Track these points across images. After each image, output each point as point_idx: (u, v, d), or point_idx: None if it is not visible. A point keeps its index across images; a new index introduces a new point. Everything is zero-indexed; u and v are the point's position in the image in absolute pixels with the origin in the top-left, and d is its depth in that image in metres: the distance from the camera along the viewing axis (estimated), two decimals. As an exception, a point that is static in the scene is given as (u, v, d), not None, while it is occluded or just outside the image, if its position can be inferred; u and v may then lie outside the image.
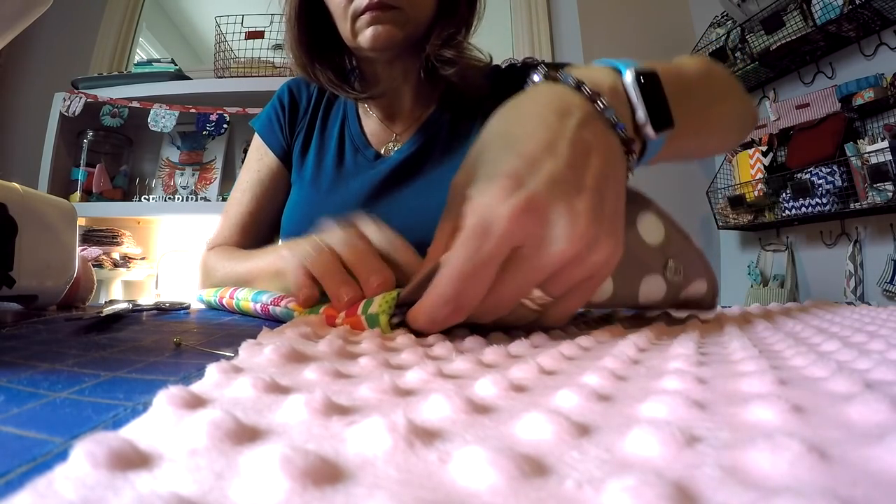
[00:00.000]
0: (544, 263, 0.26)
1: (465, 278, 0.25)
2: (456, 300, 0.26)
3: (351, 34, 0.56)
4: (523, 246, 0.26)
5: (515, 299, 0.28)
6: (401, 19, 0.54)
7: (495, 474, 0.09)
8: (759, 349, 0.25)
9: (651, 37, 1.93)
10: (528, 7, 2.02)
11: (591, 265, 0.27)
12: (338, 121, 0.65)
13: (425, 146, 0.61)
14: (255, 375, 0.15)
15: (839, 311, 0.48)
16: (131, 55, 2.02)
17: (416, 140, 0.61)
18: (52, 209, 0.41)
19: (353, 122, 0.64)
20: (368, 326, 0.31)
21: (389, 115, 0.64)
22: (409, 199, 0.58)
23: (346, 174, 0.61)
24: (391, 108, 0.64)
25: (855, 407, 0.13)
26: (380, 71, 0.61)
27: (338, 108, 0.66)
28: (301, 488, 0.08)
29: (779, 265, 1.65)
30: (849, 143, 1.37)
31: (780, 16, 1.48)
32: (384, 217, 0.42)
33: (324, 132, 0.65)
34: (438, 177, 0.59)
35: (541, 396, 0.16)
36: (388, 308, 0.30)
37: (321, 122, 0.65)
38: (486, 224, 0.25)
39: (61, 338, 0.27)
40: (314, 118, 0.66)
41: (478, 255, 0.25)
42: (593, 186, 0.27)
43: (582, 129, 0.28)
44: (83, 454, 0.09)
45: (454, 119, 0.62)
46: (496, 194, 0.25)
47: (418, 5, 0.55)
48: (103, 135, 1.80)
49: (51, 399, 0.15)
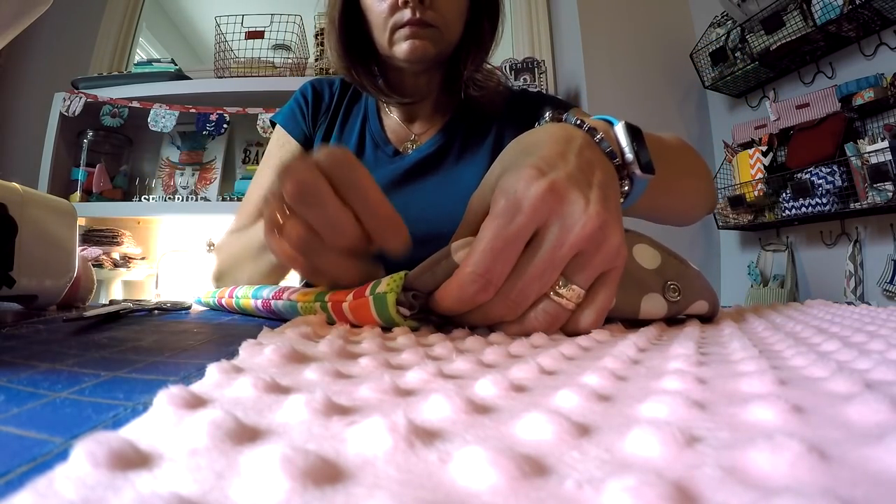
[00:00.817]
0: (566, 240, 0.28)
1: (496, 253, 0.27)
2: (485, 275, 0.27)
3: (388, 44, 0.60)
4: (545, 227, 0.28)
5: (540, 287, 0.29)
6: (436, 37, 0.59)
7: (495, 474, 0.09)
8: (759, 349, 0.25)
9: (651, 37, 1.93)
10: (528, 7, 2.02)
11: (608, 250, 0.29)
12: (359, 118, 0.68)
13: (443, 148, 0.65)
14: (256, 375, 0.15)
15: (839, 311, 0.48)
16: (131, 55, 2.02)
17: (435, 141, 0.65)
18: (52, 209, 0.41)
19: (373, 121, 0.67)
20: (375, 308, 0.30)
21: (409, 117, 0.68)
22: (426, 194, 0.62)
23: (366, 167, 0.63)
24: (412, 112, 0.68)
25: (855, 407, 0.13)
26: (406, 80, 0.65)
27: (359, 106, 0.69)
28: (301, 488, 0.08)
29: (779, 265, 1.65)
30: (849, 143, 1.37)
31: (780, 16, 1.48)
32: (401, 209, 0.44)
33: (344, 128, 0.68)
34: (453, 177, 0.63)
35: (541, 396, 0.16)
36: (396, 287, 0.30)
37: (342, 118, 0.68)
38: (515, 203, 0.28)
39: (61, 338, 0.27)
40: (336, 114, 0.69)
41: (507, 231, 0.27)
42: (600, 185, 0.30)
43: (584, 150, 0.32)
44: (83, 454, 0.09)
45: (470, 127, 0.67)
46: (523, 179, 0.29)
47: (452, 28, 0.61)
48: (103, 135, 1.80)
49: (51, 399, 0.15)
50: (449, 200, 0.58)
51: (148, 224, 1.86)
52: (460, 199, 0.48)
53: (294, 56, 1.82)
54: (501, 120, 0.67)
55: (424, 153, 0.64)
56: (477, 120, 0.67)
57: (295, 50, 1.82)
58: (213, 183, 1.84)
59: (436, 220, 0.51)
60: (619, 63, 1.84)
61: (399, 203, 0.55)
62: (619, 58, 1.84)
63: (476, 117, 0.67)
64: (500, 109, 0.67)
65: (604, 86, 1.78)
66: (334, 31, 0.63)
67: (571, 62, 1.87)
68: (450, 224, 0.50)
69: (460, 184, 0.61)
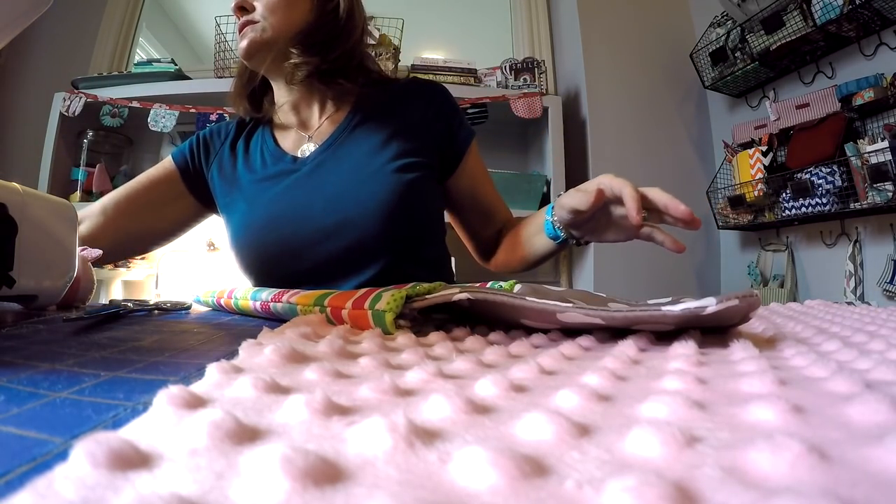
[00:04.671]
0: None
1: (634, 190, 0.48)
2: None
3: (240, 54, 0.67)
4: None
5: None
6: (259, 28, 0.65)
7: (495, 474, 0.09)
8: (759, 349, 0.25)
9: (651, 37, 1.93)
10: (528, 7, 2.02)
11: None
12: (258, 145, 0.74)
13: (339, 143, 0.69)
14: (256, 375, 0.15)
15: (839, 311, 0.48)
16: (131, 55, 2.01)
17: (331, 139, 0.70)
18: (52, 209, 0.41)
19: (269, 141, 0.74)
20: (373, 322, 0.31)
21: (301, 123, 0.73)
22: (331, 185, 0.65)
23: (269, 177, 0.70)
24: (301, 117, 0.73)
25: (855, 407, 0.13)
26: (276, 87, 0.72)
27: (257, 137, 0.76)
28: (301, 488, 0.08)
29: (779, 265, 1.65)
30: (849, 143, 1.37)
31: (780, 16, 1.48)
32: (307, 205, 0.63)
33: (247, 156, 0.74)
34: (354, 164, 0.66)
35: (541, 396, 0.16)
36: (395, 307, 0.30)
37: (243, 149, 0.75)
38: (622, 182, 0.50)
39: (61, 338, 0.27)
40: (233, 148, 0.76)
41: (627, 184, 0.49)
42: None
43: None
44: (83, 454, 0.09)
45: (367, 117, 0.71)
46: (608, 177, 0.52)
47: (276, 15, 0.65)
48: (103, 135, 1.79)
49: (51, 399, 0.15)
50: (353, 186, 0.63)
51: (148, 224, 1.86)
52: (362, 183, 0.63)
53: (294, 56, 1.82)
54: (399, 107, 0.72)
55: (321, 150, 0.69)
56: (374, 112, 0.71)
57: (295, 50, 1.82)
58: (213, 183, 1.84)
59: (342, 209, 0.62)
60: (619, 63, 1.84)
61: (303, 200, 0.64)
62: (619, 58, 1.84)
63: (373, 110, 0.71)
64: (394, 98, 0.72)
65: (604, 86, 1.78)
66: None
67: (571, 62, 1.87)
68: (356, 208, 0.62)
69: (362, 171, 0.65)
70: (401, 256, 0.64)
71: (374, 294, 0.32)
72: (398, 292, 0.31)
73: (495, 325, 0.34)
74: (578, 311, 0.29)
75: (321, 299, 0.35)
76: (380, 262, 0.63)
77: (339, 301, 0.33)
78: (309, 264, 0.63)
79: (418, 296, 0.32)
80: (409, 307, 0.31)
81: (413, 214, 0.64)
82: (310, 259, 0.63)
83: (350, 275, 0.64)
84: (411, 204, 0.63)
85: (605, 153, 1.73)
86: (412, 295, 0.32)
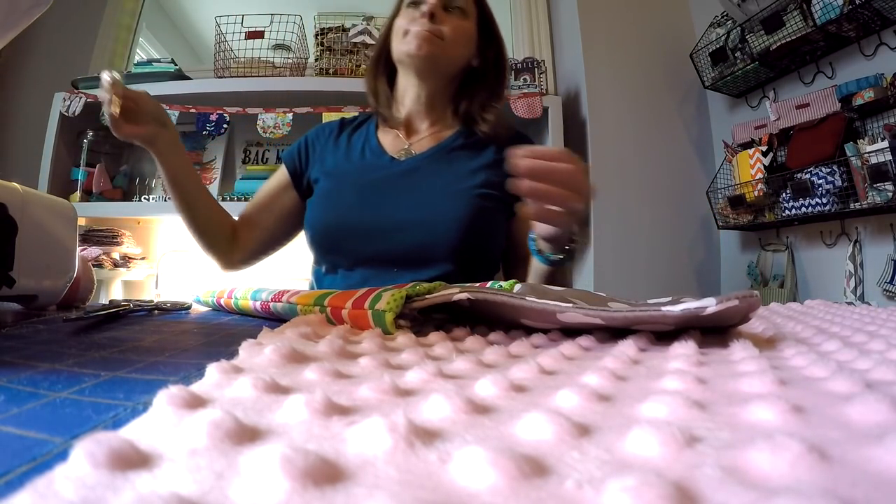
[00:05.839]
0: None
1: None
2: None
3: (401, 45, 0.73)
4: None
5: None
6: (438, 46, 0.72)
7: (495, 474, 0.09)
8: (759, 349, 0.25)
9: (651, 36, 1.93)
10: (528, 7, 2.02)
11: None
12: (361, 140, 0.82)
13: (435, 158, 0.77)
14: (256, 375, 0.15)
15: (839, 311, 0.48)
16: (131, 55, 2.02)
17: (430, 152, 0.77)
18: (52, 209, 0.41)
19: (372, 139, 0.81)
20: (373, 322, 0.31)
21: (408, 132, 0.81)
22: (415, 192, 0.72)
23: (366, 168, 0.77)
24: (411, 126, 0.81)
25: (855, 407, 0.13)
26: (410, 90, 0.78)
27: (360, 133, 0.84)
28: (301, 488, 0.08)
29: (779, 265, 1.65)
30: (849, 143, 1.37)
31: (780, 16, 1.48)
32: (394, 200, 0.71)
33: (349, 147, 0.82)
34: (442, 182, 0.74)
35: (541, 396, 0.16)
36: (395, 307, 0.30)
37: (347, 143, 0.83)
38: None
39: (61, 338, 0.27)
40: (337, 141, 0.84)
41: None
42: None
43: None
44: (83, 454, 0.09)
45: (465, 145, 0.79)
46: None
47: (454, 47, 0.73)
48: (103, 135, 1.79)
49: (51, 399, 0.15)
50: (438, 198, 0.71)
51: (148, 224, 1.86)
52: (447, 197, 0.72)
53: (294, 56, 1.82)
54: (493, 145, 0.80)
55: (419, 160, 0.76)
56: (473, 144, 0.79)
57: (295, 50, 1.82)
58: (213, 183, 1.84)
59: (423, 211, 0.70)
60: (619, 63, 1.83)
61: (392, 197, 0.72)
62: (619, 58, 1.84)
63: (473, 142, 0.79)
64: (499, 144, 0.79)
65: (604, 86, 1.78)
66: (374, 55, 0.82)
67: (571, 62, 1.87)
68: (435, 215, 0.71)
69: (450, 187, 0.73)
70: (460, 268, 0.69)
71: (374, 294, 0.32)
72: (398, 292, 0.31)
73: (495, 325, 0.34)
74: (578, 310, 0.29)
75: (321, 299, 0.35)
76: (439, 268, 0.69)
77: (338, 301, 0.33)
78: (377, 249, 0.70)
79: (418, 296, 0.32)
80: (409, 307, 0.32)
81: (480, 235, 0.71)
82: (380, 245, 0.70)
83: (410, 269, 0.69)
84: (481, 227, 0.70)
85: (605, 153, 1.73)
86: (412, 295, 0.32)
